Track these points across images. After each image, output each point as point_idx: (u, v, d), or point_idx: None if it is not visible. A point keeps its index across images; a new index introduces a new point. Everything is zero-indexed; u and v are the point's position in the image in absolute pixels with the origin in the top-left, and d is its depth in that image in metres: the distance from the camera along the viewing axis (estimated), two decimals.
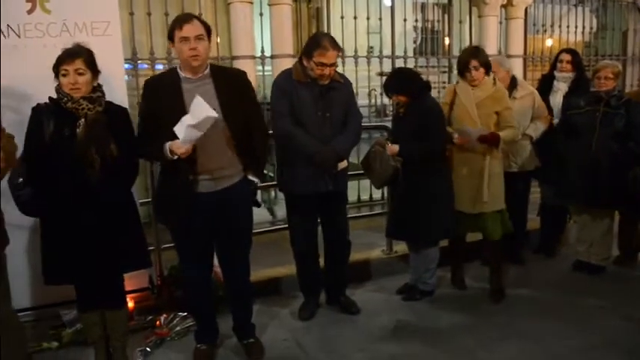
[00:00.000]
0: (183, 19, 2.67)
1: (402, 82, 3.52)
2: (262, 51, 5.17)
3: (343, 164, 3.31)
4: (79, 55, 2.56)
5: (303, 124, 3.20)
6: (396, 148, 3.44)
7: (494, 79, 3.71)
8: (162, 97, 2.71)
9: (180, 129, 2.53)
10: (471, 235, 3.99)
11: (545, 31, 7.10)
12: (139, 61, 4.72)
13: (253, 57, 5.08)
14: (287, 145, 3.23)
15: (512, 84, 4.09)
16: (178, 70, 2.76)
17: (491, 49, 6.04)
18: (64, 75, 2.55)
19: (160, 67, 4.78)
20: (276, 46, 5.20)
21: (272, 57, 5.20)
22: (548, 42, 7.30)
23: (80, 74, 2.56)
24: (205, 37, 2.68)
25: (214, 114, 2.53)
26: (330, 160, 3.19)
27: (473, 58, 3.59)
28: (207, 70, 2.75)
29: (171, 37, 2.70)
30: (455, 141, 3.58)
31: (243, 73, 2.96)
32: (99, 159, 2.54)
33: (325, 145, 3.19)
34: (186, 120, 2.52)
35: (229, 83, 2.78)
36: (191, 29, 2.62)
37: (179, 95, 2.67)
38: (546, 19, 6.99)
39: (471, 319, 3.51)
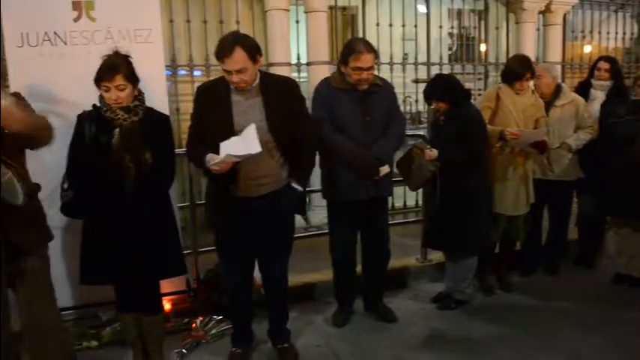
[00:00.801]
0: (225, 51, 2.59)
1: (443, 89, 3.48)
2: (298, 58, 5.22)
3: (385, 170, 3.24)
4: (118, 71, 2.57)
5: (344, 130, 3.18)
6: (434, 152, 3.41)
7: (532, 90, 3.83)
8: (212, 104, 2.75)
9: (225, 147, 2.57)
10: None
11: (584, 37, 6.97)
12: (178, 68, 4.82)
13: (289, 64, 5.13)
14: (327, 151, 3.22)
15: (556, 92, 4.04)
16: None
17: (528, 55, 5.96)
18: (106, 91, 2.59)
19: (198, 74, 4.88)
20: (311, 53, 5.24)
21: (308, 64, 5.25)
22: (587, 48, 7.16)
23: (121, 90, 2.59)
24: (249, 66, 2.63)
25: (259, 149, 2.54)
26: (371, 165, 3.17)
27: (529, 70, 3.69)
28: (257, 81, 2.75)
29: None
30: (507, 137, 3.58)
31: (294, 84, 2.96)
32: (133, 167, 2.59)
33: (367, 150, 3.17)
34: (234, 143, 2.55)
35: (278, 94, 2.77)
36: (231, 64, 2.59)
37: (227, 105, 2.71)
38: (585, 25, 6.87)
39: (506, 330, 3.45)
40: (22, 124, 2.25)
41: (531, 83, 3.81)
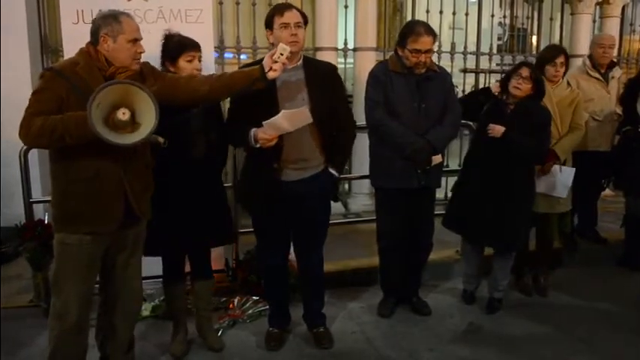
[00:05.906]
0: (284, 7, 2.73)
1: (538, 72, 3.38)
2: (345, 43, 5.18)
3: (438, 159, 3.17)
4: (198, 49, 2.78)
5: (397, 115, 3.12)
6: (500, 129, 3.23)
7: (567, 81, 3.74)
8: None
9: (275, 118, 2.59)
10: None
11: None
12: (225, 50, 4.85)
13: (336, 49, 5.09)
14: (379, 135, 3.18)
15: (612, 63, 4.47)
16: None
17: (582, 48, 5.77)
18: (189, 61, 2.74)
19: (244, 57, 4.89)
20: (359, 38, 5.19)
21: (355, 49, 5.21)
22: None
23: (200, 60, 2.80)
24: (303, 25, 2.73)
25: (310, 119, 2.62)
26: (424, 153, 3.10)
27: (562, 53, 3.61)
28: (301, 61, 2.79)
29: (269, 25, 2.74)
30: None
31: (334, 68, 3.00)
32: (204, 143, 2.75)
33: (420, 137, 3.11)
34: (284, 115, 2.57)
35: (320, 76, 2.80)
36: (291, 16, 2.68)
37: (272, 82, 2.68)
38: None
39: (544, 329, 3.38)
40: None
41: (568, 75, 3.75)
